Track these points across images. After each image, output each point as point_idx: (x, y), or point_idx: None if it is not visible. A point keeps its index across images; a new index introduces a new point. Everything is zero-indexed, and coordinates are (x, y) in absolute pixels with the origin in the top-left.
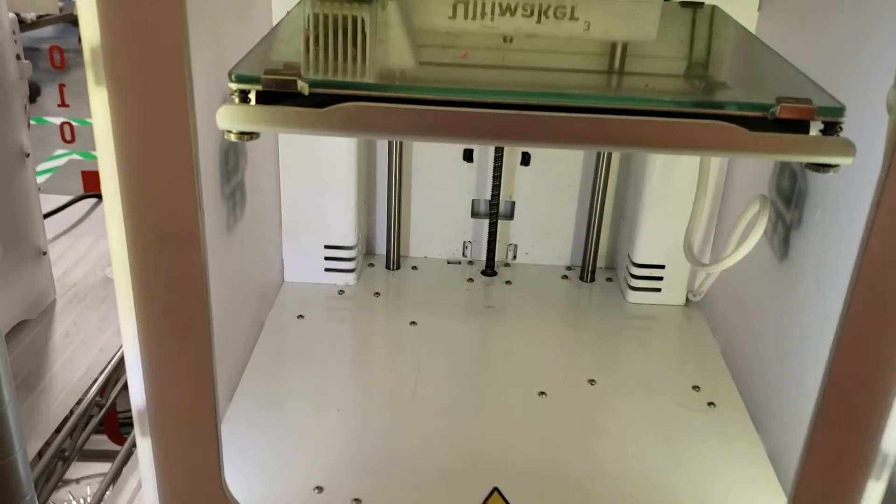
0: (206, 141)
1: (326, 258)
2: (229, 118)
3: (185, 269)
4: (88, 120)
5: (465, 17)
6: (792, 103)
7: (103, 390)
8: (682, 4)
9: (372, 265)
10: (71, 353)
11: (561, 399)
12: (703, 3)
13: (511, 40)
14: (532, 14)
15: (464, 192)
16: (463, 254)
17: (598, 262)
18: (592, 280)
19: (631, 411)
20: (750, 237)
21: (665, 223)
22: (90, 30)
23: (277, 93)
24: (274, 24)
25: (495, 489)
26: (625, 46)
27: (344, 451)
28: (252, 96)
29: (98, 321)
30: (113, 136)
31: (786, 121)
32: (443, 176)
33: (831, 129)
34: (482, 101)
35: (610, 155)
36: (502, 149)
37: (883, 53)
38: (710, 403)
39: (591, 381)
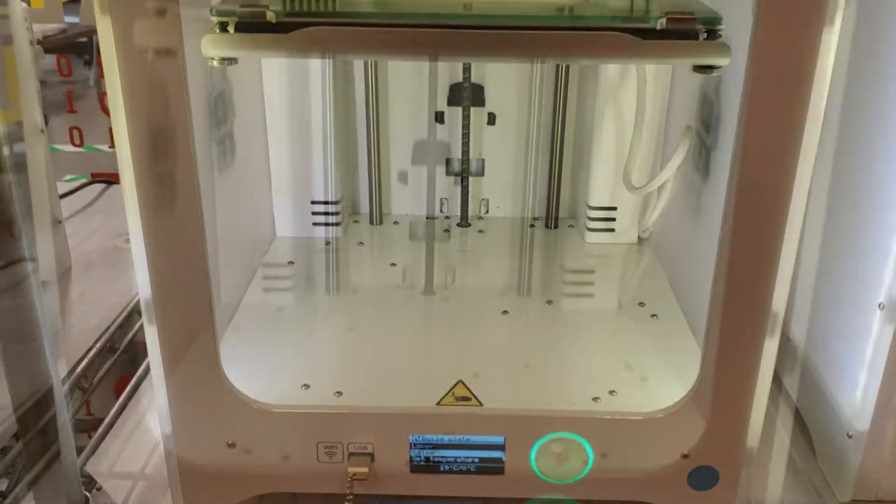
0: (196, 87)
1: (314, 213)
2: (212, 45)
3: (178, 164)
4: (97, 146)
5: None
6: (676, 15)
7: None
8: None
9: (357, 221)
10: (86, 307)
11: (521, 315)
12: None
13: None
14: None
15: (438, 152)
16: (440, 210)
17: (562, 212)
18: (556, 227)
19: (582, 322)
20: (672, 160)
21: (615, 169)
22: None
23: (253, 24)
24: None
25: (459, 381)
26: None
27: (328, 358)
28: (231, 28)
29: (111, 283)
30: (116, 58)
31: (672, 31)
32: (418, 138)
33: (713, 36)
34: (417, 23)
35: (565, 112)
36: (469, 110)
37: None
38: (653, 315)
39: (549, 302)
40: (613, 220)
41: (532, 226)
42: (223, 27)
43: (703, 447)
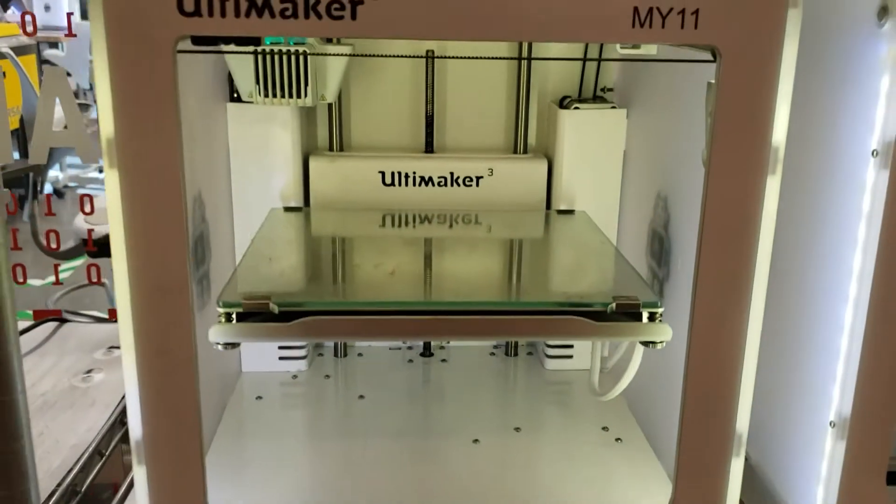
0: None
1: (280, 347)
2: (220, 334)
3: (176, 315)
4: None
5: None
6: (623, 300)
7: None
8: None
9: (321, 355)
10: (46, 448)
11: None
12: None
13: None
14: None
15: None
16: (403, 341)
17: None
18: (516, 355)
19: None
20: (625, 375)
21: None
22: (107, 125)
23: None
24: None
25: None
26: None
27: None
28: (234, 317)
29: (69, 423)
30: (121, 208)
31: (619, 313)
32: None
33: (653, 317)
34: (404, 310)
35: None
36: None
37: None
38: (618, 439)
39: (517, 429)
40: (571, 346)
41: (492, 353)
42: (228, 316)
43: None
